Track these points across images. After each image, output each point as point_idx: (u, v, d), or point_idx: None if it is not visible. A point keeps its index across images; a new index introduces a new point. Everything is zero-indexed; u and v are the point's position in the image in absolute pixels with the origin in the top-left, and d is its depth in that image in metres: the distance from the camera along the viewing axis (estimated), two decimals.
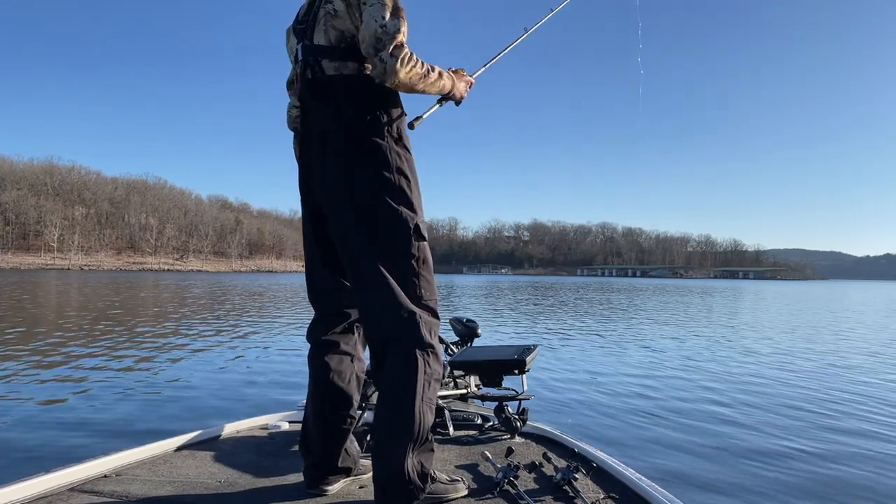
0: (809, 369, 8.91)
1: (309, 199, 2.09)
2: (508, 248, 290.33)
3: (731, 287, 78.07)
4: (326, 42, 1.95)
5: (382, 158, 1.93)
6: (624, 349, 10.72)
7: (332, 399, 2.08)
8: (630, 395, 6.55)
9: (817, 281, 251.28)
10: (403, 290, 1.89)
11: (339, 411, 2.09)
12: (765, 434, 5.05)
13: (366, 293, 1.93)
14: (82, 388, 6.27)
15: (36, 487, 1.97)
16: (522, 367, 2.83)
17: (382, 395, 1.92)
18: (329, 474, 2.09)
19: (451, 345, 3.62)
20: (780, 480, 3.92)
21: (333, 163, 1.95)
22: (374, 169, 1.92)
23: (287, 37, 2.18)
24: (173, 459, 2.38)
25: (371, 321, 1.94)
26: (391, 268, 1.90)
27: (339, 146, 1.94)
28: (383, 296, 1.89)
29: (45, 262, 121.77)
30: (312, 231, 2.10)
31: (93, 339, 10.46)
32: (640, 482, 2.06)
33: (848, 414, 5.96)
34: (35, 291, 27.98)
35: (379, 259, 1.89)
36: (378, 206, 1.91)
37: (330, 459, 2.08)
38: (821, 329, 16.34)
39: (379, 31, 1.80)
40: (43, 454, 4.04)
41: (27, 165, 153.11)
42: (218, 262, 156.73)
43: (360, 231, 1.91)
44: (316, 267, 2.12)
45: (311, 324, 2.16)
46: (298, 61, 2.05)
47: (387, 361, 1.89)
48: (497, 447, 2.55)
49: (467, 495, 2.02)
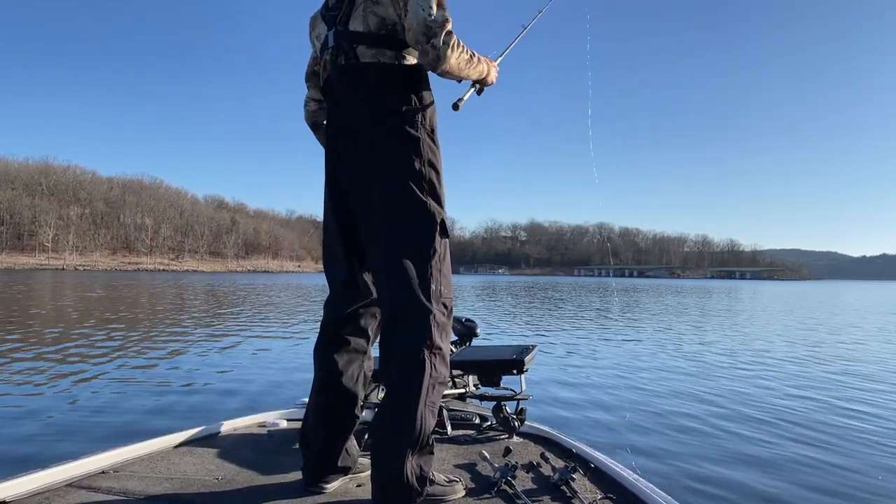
0: (809, 370, 8.85)
1: (335, 191, 2.05)
2: (505, 249, 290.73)
3: (729, 287, 78.11)
4: (364, 28, 1.91)
5: (416, 149, 1.90)
6: (622, 349, 10.68)
7: (338, 397, 2.06)
8: (628, 396, 6.53)
9: (813, 281, 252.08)
10: (421, 286, 1.87)
11: (344, 410, 2.07)
12: (763, 435, 5.04)
13: (387, 284, 1.91)
14: (80, 386, 6.23)
15: (34, 483, 1.97)
16: (521, 367, 2.81)
17: (386, 394, 1.92)
18: (328, 472, 2.07)
19: (449, 344, 3.63)
20: (779, 481, 3.90)
21: (365, 151, 1.92)
22: (407, 159, 1.89)
23: (313, 24, 2.14)
24: (171, 456, 2.38)
25: (388, 312, 1.93)
26: (414, 261, 1.88)
27: (371, 135, 1.91)
28: (403, 288, 1.87)
29: (40, 263, 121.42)
30: (336, 224, 2.06)
31: (90, 337, 10.38)
32: (637, 483, 2.06)
33: (848, 413, 5.95)
34: (28, 291, 27.79)
35: (404, 252, 1.87)
36: (407, 197, 1.88)
37: (330, 457, 2.07)
38: (819, 329, 16.28)
39: (428, 19, 1.80)
40: (41, 450, 4.02)
41: (22, 165, 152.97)
42: (214, 262, 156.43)
43: (386, 221, 1.89)
44: (337, 261, 2.07)
45: (323, 321, 2.13)
46: (328, 48, 2.00)
47: (395, 358, 1.87)
48: (495, 447, 2.54)
49: (465, 495, 2.01)
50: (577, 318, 17.73)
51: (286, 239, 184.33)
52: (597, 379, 7.54)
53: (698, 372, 8.36)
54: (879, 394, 7.01)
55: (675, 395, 6.68)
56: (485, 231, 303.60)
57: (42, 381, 6.46)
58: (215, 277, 75.10)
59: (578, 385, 7.07)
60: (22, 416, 4.94)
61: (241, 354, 8.87)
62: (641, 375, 7.92)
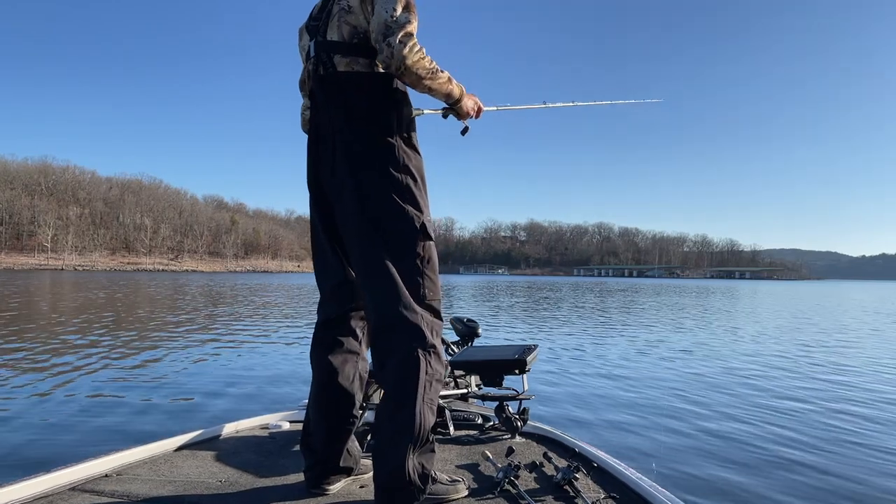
0: (808, 369, 8.84)
1: (319, 194, 2.08)
2: (505, 249, 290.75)
3: (728, 287, 77.89)
4: (339, 38, 1.96)
5: (391, 157, 1.93)
6: (625, 349, 10.63)
7: (336, 398, 2.07)
8: (630, 395, 6.50)
9: (813, 281, 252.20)
10: (408, 289, 1.89)
11: (342, 411, 2.08)
12: (767, 434, 5.03)
13: (371, 291, 1.93)
14: (82, 389, 6.20)
15: (37, 487, 1.97)
16: (523, 367, 2.82)
17: (384, 395, 1.93)
18: (330, 474, 2.08)
19: (451, 344, 3.62)
20: (783, 481, 3.89)
21: (343, 159, 1.95)
22: (382, 166, 1.92)
23: (300, 35, 2.18)
24: (174, 459, 2.38)
25: (374, 319, 1.94)
26: (396, 266, 1.90)
27: (348, 143, 1.94)
28: (387, 294, 1.89)
29: (39, 263, 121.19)
30: (321, 225, 2.09)
31: (89, 339, 10.31)
32: (640, 482, 2.05)
33: (850, 412, 5.93)
34: (25, 292, 27.54)
35: (385, 257, 1.89)
36: (383, 203, 1.91)
37: (331, 459, 2.07)
38: (819, 328, 16.30)
39: (389, 20, 1.82)
40: (44, 454, 4.02)
41: (21, 165, 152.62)
42: (213, 262, 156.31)
43: (366, 229, 1.92)
44: (326, 263, 2.11)
45: (317, 322, 2.16)
46: (310, 58, 2.05)
47: (389, 361, 1.89)
48: (498, 447, 2.54)
49: (468, 495, 2.01)
50: (577, 318, 17.68)
51: (285, 239, 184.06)
52: (599, 378, 7.50)
53: (702, 371, 8.28)
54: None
55: (677, 394, 6.63)
56: (484, 231, 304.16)
57: (42, 384, 6.44)
58: (215, 277, 75.04)
59: (581, 384, 7.04)
60: (24, 421, 4.93)
61: (242, 356, 8.84)
62: (643, 375, 7.88)
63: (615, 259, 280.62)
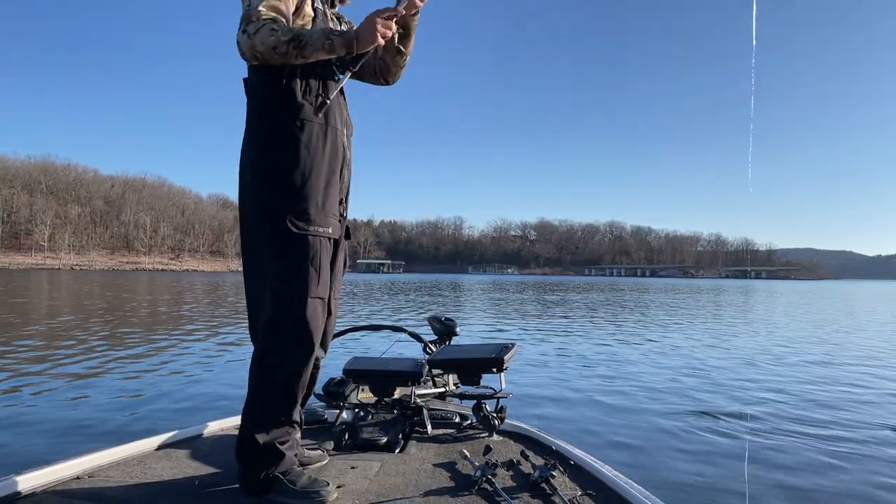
0: (800, 369, 8.60)
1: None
2: (515, 248, 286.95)
3: (744, 287, 75.28)
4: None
5: (262, 140, 1.97)
6: (604, 347, 10.55)
7: (307, 394, 2.17)
8: (608, 394, 6.42)
9: (830, 280, 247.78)
10: (254, 278, 2.00)
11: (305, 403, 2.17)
12: (744, 432, 4.99)
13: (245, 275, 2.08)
14: (57, 390, 6.08)
15: (4, 490, 1.93)
16: (500, 366, 2.79)
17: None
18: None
19: (429, 343, 3.63)
20: (760, 479, 3.86)
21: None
22: (252, 149, 1.97)
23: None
24: (148, 460, 2.33)
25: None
26: (248, 252, 2.02)
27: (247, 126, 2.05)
28: (246, 278, 2.04)
29: (36, 262, 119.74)
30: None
31: (71, 339, 10.22)
32: (616, 479, 2.07)
33: (843, 409, 5.83)
34: (17, 292, 26.81)
35: (243, 242, 2.02)
36: (246, 187, 1.99)
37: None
38: (827, 325, 16.14)
39: (244, 12, 1.82)
40: (13, 455, 3.98)
41: (23, 163, 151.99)
42: (214, 261, 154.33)
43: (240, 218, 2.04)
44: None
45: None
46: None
47: (255, 348, 2.01)
48: (475, 445, 2.56)
49: (447, 493, 2.01)
50: (561, 317, 17.39)
51: None
52: (577, 377, 7.45)
53: (683, 370, 8.16)
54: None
55: (654, 392, 6.58)
56: (493, 230, 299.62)
57: (18, 384, 6.31)
58: (214, 277, 73.65)
59: (558, 383, 6.99)
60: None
61: (222, 354, 8.79)
62: (622, 373, 7.79)
63: (627, 258, 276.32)
